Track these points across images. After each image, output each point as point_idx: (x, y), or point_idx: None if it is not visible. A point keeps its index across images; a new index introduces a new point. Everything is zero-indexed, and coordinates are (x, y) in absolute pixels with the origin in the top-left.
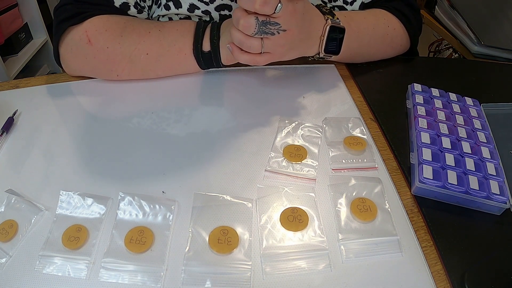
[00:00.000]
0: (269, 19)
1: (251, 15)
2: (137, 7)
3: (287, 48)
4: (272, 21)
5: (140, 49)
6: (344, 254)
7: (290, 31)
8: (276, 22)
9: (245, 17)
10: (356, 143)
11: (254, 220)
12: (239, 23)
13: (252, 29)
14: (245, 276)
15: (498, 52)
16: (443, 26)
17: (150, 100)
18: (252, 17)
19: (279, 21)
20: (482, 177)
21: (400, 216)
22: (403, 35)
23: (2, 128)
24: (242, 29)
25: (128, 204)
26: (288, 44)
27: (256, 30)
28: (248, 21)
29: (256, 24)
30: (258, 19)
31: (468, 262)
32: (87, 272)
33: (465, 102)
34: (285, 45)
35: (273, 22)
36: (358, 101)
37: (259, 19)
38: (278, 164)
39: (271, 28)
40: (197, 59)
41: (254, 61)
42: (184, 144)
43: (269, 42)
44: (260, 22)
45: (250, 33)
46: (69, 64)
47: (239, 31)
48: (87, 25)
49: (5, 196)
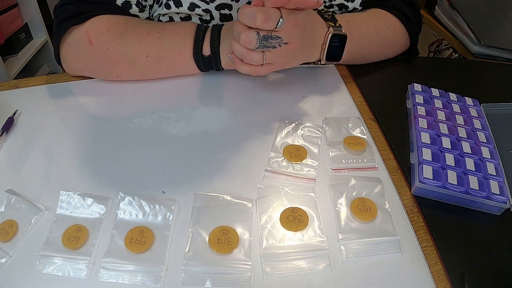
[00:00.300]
0: (270, 34)
1: (252, 30)
2: (138, 6)
3: (289, 59)
4: (273, 35)
5: (140, 50)
6: (344, 254)
7: (291, 44)
8: (278, 36)
9: (246, 32)
10: (356, 143)
11: (254, 220)
12: (240, 37)
13: (253, 44)
14: (245, 276)
15: (498, 52)
16: (443, 26)
17: (150, 100)
18: (253, 32)
19: (280, 34)
20: (482, 177)
21: (400, 216)
22: (403, 35)
23: (2, 128)
24: (243, 44)
25: (128, 204)
26: (290, 55)
27: (257, 45)
28: (249, 36)
29: (257, 39)
30: (259, 34)
31: (468, 262)
32: (87, 272)
33: (465, 102)
34: (287, 57)
35: (274, 36)
36: (358, 101)
37: (260, 34)
38: (278, 164)
39: (272, 42)
40: (197, 63)
41: (256, 72)
42: (184, 144)
43: (270, 55)
44: (261, 37)
45: (252, 48)
46: (70, 64)
47: (240, 45)
48: (88, 25)
49: (5, 196)
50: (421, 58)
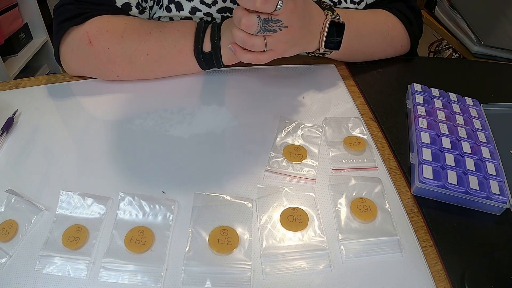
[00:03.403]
0: (270, 17)
1: (253, 14)
2: (138, 8)
3: (289, 44)
4: (273, 19)
5: (140, 50)
6: (344, 254)
7: (291, 27)
8: (278, 19)
9: (247, 16)
10: (356, 143)
11: (254, 220)
12: (241, 22)
13: (255, 27)
14: (245, 276)
15: (498, 52)
16: (443, 26)
17: (150, 100)
18: (254, 15)
19: (280, 18)
20: (482, 177)
21: (400, 216)
22: (403, 36)
23: (2, 128)
24: (245, 28)
25: (128, 204)
26: (290, 40)
27: (258, 28)
28: (250, 19)
29: (258, 22)
30: (260, 17)
31: (468, 262)
32: (87, 272)
33: (465, 102)
34: (288, 42)
35: (275, 19)
36: (358, 101)
37: (261, 17)
38: (278, 164)
39: (273, 25)
40: (198, 60)
41: (257, 59)
42: (184, 144)
43: (271, 40)
44: (262, 20)
45: (253, 32)
46: (70, 64)
47: (241, 31)
48: (88, 25)
49: (5, 196)
50: (421, 58)
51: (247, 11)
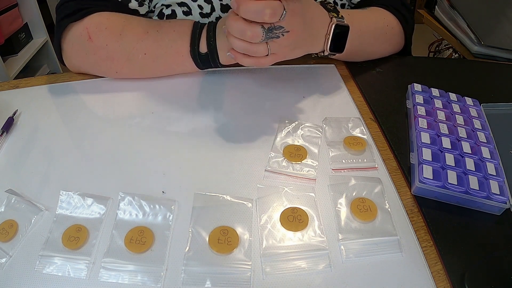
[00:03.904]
0: (273, 25)
1: (257, 25)
2: (137, 0)
3: (292, 47)
4: (276, 26)
5: (138, 48)
6: (344, 254)
7: (293, 31)
8: (280, 26)
9: (252, 28)
10: (356, 143)
11: (254, 220)
12: (245, 34)
13: (260, 37)
14: (245, 276)
15: (498, 52)
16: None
17: (150, 100)
18: (258, 26)
19: (282, 24)
20: (482, 177)
21: (400, 216)
22: (400, 33)
23: (2, 128)
24: (250, 40)
25: (128, 204)
26: (292, 44)
27: (263, 38)
28: (256, 31)
29: (263, 32)
30: (264, 27)
31: (468, 262)
32: (87, 272)
33: (465, 102)
34: (290, 45)
35: (278, 26)
36: (358, 101)
37: (265, 27)
38: (278, 164)
39: (276, 32)
40: (195, 61)
41: (259, 64)
42: (184, 144)
43: (274, 45)
44: (266, 30)
45: (258, 41)
46: (71, 59)
47: (242, 40)
48: (88, 21)
49: (5, 196)
50: (421, 58)
51: (247, 22)
